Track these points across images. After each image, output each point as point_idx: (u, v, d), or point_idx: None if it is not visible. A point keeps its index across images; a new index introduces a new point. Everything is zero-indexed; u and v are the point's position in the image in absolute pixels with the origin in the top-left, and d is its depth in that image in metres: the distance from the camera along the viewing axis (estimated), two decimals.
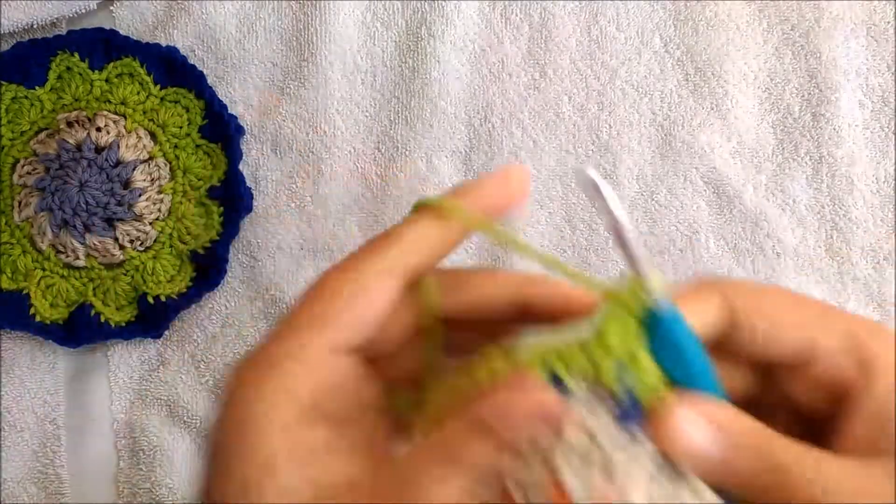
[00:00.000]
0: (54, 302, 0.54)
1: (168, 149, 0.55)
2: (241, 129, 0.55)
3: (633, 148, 0.55)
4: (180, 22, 0.56)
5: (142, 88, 0.55)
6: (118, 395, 0.55)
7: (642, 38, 0.56)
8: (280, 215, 0.55)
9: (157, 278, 0.53)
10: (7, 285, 0.54)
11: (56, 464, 0.54)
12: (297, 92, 0.56)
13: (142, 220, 0.53)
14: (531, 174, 0.55)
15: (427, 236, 0.26)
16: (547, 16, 0.56)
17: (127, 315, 0.54)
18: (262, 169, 0.56)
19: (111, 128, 0.54)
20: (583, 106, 0.55)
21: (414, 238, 0.26)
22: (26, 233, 0.54)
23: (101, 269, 0.54)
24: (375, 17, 0.57)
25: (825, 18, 0.55)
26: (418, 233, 0.26)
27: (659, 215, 0.54)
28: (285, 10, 0.57)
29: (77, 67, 0.55)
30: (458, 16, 0.56)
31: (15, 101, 0.55)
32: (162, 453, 0.54)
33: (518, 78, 0.56)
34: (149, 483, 0.54)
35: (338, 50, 0.56)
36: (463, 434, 0.22)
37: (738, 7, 0.56)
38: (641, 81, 0.55)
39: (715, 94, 0.55)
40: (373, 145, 0.56)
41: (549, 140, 0.55)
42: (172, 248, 0.54)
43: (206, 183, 0.55)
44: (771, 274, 0.54)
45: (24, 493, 0.54)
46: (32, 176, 0.53)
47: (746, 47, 0.55)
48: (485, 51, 0.56)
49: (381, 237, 0.26)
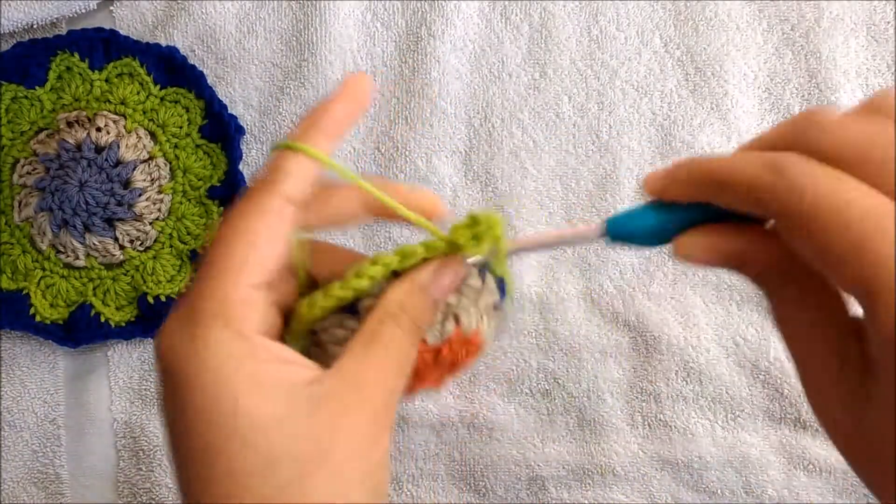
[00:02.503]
0: (54, 302, 0.54)
1: (168, 149, 0.55)
2: (241, 129, 0.55)
3: (633, 148, 0.55)
4: (180, 22, 0.56)
5: (142, 88, 0.55)
6: (118, 395, 0.55)
7: (642, 38, 0.56)
8: None
9: (157, 278, 0.53)
10: (7, 285, 0.54)
11: (56, 464, 0.54)
12: (297, 92, 0.56)
13: (142, 220, 0.53)
14: (531, 174, 0.55)
15: (303, 168, 0.31)
16: (547, 16, 0.56)
17: (127, 315, 0.54)
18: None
19: (111, 128, 0.54)
20: (583, 106, 0.55)
21: (296, 169, 0.30)
22: (26, 233, 0.54)
23: (101, 269, 0.54)
24: (375, 17, 0.57)
25: (825, 18, 0.55)
26: (297, 165, 0.30)
27: None
28: (285, 10, 0.57)
29: (77, 67, 0.55)
30: (458, 16, 0.56)
31: (15, 101, 0.55)
32: (162, 453, 0.54)
33: (518, 78, 0.56)
34: (149, 483, 0.54)
35: (338, 50, 0.56)
36: (408, 291, 0.31)
37: (738, 7, 0.56)
38: (641, 81, 0.55)
39: (715, 94, 0.55)
40: (373, 145, 0.56)
41: (549, 140, 0.55)
42: (172, 248, 0.54)
43: (206, 183, 0.55)
44: None
45: (24, 493, 0.54)
46: (32, 176, 0.53)
47: (746, 47, 0.55)
48: (485, 51, 0.56)
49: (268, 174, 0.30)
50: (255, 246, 0.29)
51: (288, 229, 0.30)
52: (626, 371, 0.54)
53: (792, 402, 0.53)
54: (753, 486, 0.53)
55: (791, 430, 0.53)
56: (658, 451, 0.53)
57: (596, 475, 0.53)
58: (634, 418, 0.54)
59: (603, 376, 0.54)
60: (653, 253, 0.54)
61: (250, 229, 0.29)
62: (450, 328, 0.32)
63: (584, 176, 0.55)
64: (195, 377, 0.27)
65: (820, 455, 0.53)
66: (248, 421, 0.27)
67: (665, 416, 0.53)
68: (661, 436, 0.53)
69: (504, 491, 0.54)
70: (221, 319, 0.27)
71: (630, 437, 0.53)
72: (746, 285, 0.53)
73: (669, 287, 0.54)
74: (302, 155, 0.31)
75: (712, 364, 0.53)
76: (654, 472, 0.53)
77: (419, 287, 0.31)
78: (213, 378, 0.27)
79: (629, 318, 0.54)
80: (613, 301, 0.54)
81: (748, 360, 0.53)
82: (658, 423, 0.53)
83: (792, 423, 0.53)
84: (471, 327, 0.33)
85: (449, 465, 0.54)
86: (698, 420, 0.53)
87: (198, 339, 0.27)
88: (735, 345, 0.53)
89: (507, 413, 0.54)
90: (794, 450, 0.53)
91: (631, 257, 0.54)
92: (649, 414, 0.53)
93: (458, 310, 0.32)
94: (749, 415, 0.53)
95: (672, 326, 0.53)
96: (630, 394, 0.54)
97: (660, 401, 0.53)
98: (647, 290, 0.54)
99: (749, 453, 0.53)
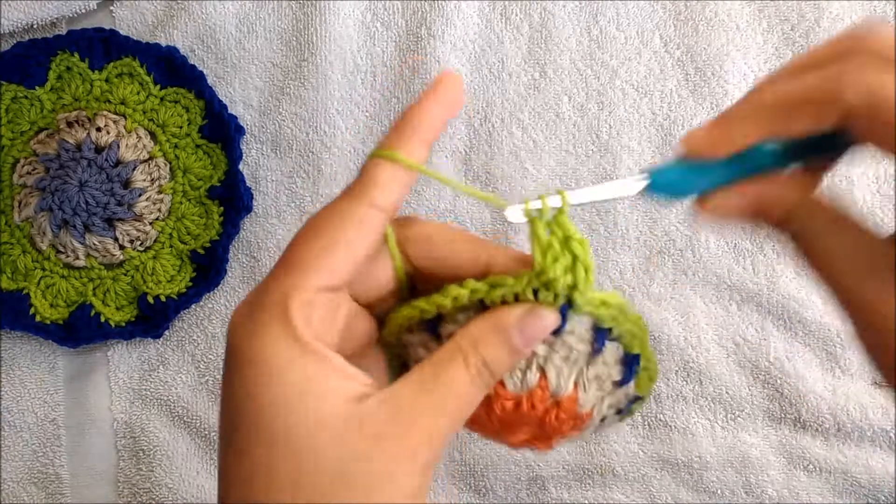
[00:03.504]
0: (54, 302, 0.54)
1: (168, 149, 0.55)
2: (241, 129, 0.55)
3: (633, 148, 0.55)
4: (180, 22, 0.56)
5: (142, 88, 0.55)
6: (118, 395, 0.55)
7: (642, 38, 0.56)
8: (280, 215, 0.55)
9: (157, 278, 0.53)
10: (7, 285, 0.54)
11: (56, 464, 0.54)
12: (297, 92, 0.56)
13: (142, 220, 0.53)
14: (531, 174, 0.55)
15: (395, 177, 0.30)
16: (547, 16, 0.56)
17: (127, 315, 0.54)
18: (262, 169, 0.56)
19: (111, 128, 0.54)
20: (583, 106, 0.55)
21: (386, 179, 0.30)
22: (26, 233, 0.54)
23: (101, 269, 0.54)
24: (375, 17, 0.57)
25: (825, 18, 0.55)
26: (387, 174, 0.30)
27: (659, 215, 0.54)
28: (285, 10, 0.57)
29: (77, 67, 0.55)
30: (458, 16, 0.56)
31: (15, 101, 0.55)
32: (162, 453, 0.54)
33: (518, 78, 0.56)
34: (149, 483, 0.54)
35: (338, 50, 0.56)
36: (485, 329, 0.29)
37: (738, 7, 0.56)
38: (641, 81, 0.55)
39: (715, 94, 0.55)
40: (373, 145, 0.55)
41: (549, 140, 0.55)
42: (172, 248, 0.54)
43: (206, 183, 0.55)
44: (771, 274, 0.54)
45: (24, 493, 0.54)
46: (32, 176, 0.53)
47: (746, 47, 0.55)
48: (485, 51, 0.56)
49: (357, 182, 0.30)
50: (330, 250, 0.28)
51: (374, 237, 0.29)
52: None
53: (792, 402, 0.53)
54: (753, 486, 0.53)
55: (791, 430, 0.53)
56: (658, 451, 0.53)
57: (596, 475, 0.53)
58: (634, 418, 0.53)
59: None
60: (653, 253, 0.54)
61: (327, 233, 0.29)
62: (532, 380, 0.30)
63: (584, 176, 0.55)
64: (247, 368, 0.28)
65: (820, 455, 0.53)
66: (279, 423, 0.27)
67: (665, 416, 0.53)
68: (661, 436, 0.53)
69: (504, 491, 0.53)
70: (280, 319, 0.27)
71: (630, 437, 0.53)
72: (746, 285, 0.53)
73: (669, 287, 0.54)
74: (393, 163, 0.30)
75: (712, 364, 0.53)
76: (654, 472, 0.53)
77: (500, 327, 0.29)
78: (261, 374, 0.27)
79: None
80: None
81: (748, 360, 0.53)
82: (658, 423, 0.53)
83: (792, 423, 0.53)
84: (561, 389, 0.30)
85: (449, 465, 0.54)
86: (698, 420, 0.53)
87: (257, 332, 0.28)
88: (735, 345, 0.53)
89: None
90: (794, 450, 0.53)
91: (631, 257, 0.54)
92: (649, 414, 0.53)
93: (545, 363, 0.30)
94: (749, 415, 0.53)
95: (672, 326, 0.53)
96: None
97: (660, 401, 0.53)
98: (647, 290, 0.54)
99: (749, 453, 0.53)
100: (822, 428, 0.53)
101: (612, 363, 0.31)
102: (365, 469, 0.26)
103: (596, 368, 0.31)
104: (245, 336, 0.28)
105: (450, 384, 0.28)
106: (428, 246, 0.31)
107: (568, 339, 0.30)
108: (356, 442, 0.27)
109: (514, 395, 0.30)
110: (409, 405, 0.27)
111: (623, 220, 0.54)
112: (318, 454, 0.26)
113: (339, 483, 0.26)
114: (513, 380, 0.30)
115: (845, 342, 0.53)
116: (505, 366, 0.29)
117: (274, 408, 0.27)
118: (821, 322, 0.53)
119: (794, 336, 0.53)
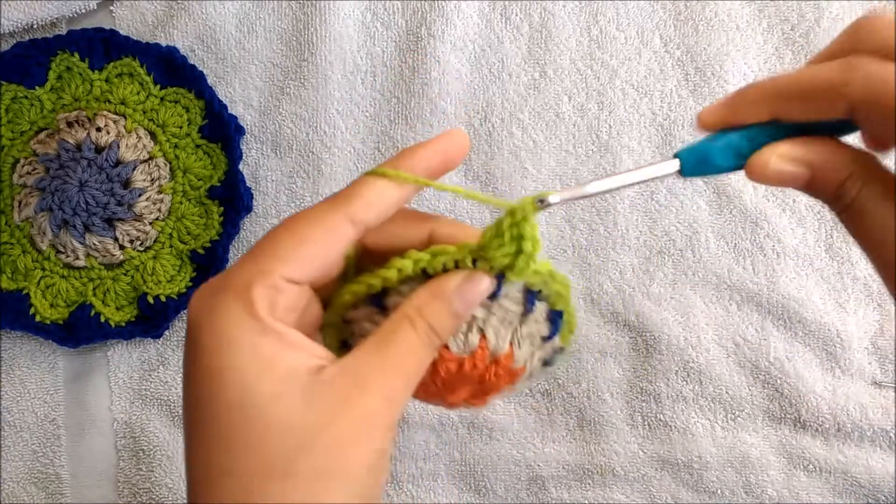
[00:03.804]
0: (54, 302, 0.54)
1: (168, 149, 0.55)
2: (241, 129, 0.55)
3: (633, 148, 0.55)
4: (180, 22, 0.56)
5: (142, 88, 0.55)
6: (118, 395, 0.55)
7: (642, 38, 0.56)
8: (280, 215, 0.55)
9: (157, 278, 0.53)
10: (7, 285, 0.54)
11: (56, 464, 0.54)
12: (297, 92, 0.56)
13: (142, 220, 0.53)
14: (531, 174, 0.55)
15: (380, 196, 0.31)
16: (547, 16, 0.56)
17: (127, 315, 0.54)
18: (262, 169, 0.56)
19: (111, 128, 0.54)
20: (583, 106, 0.55)
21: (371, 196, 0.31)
22: (26, 233, 0.54)
23: (101, 269, 0.54)
24: (375, 17, 0.57)
25: (825, 18, 0.55)
26: (373, 192, 0.31)
27: (659, 215, 0.54)
28: (285, 10, 0.57)
29: (77, 67, 0.55)
30: (458, 16, 0.56)
31: (15, 101, 0.55)
32: (162, 453, 0.54)
33: (518, 78, 0.56)
34: (149, 483, 0.54)
35: (338, 50, 0.56)
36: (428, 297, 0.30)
37: (738, 7, 0.56)
38: (641, 81, 0.55)
39: (715, 94, 0.55)
40: (373, 145, 0.56)
41: (549, 140, 0.55)
42: (172, 248, 0.54)
43: (206, 183, 0.55)
44: (771, 274, 0.54)
45: (24, 493, 0.54)
46: (32, 176, 0.53)
47: (746, 47, 0.55)
48: (485, 51, 0.56)
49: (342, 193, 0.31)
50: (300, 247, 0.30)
51: (343, 247, 0.30)
52: (626, 371, 0.54)
53: (792, 402, 0.53)
54: (753, 486, 0.53)
55: (791, 430, 0.53)
56: (658, 451, 0.53)
57: (596, 475, 0.53)
58: (634, 418, 0.54)
59: (603, 376, 0.54)
60: (653, 253, 0.54)
61: (300, 232, 0.30)
62: (473, 341, 0.32)
63: (584, 176, 0.55)
64: (207, 340, 0.28)
65: (820, 455, 0.53)
66: (240, 394, 0.27)
67: (665, 416, 0.53)
68: (661, 436, 0.53)
69: (504, 491, 0.54)
70: (242, 298, 0.28)
71: (630, 437, 0.53)
72: (746, 285, 0.53)
73: (669, 287, 0.54)
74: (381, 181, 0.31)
75: (712, 364, 0.53)
76: (654, 472, 0.53)
77: (441, 294, 0.30)
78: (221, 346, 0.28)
79: (629, 318, 0.54)
80: (613, 301, 0.54)
81: (748, 360, 0.53)
82: (658, 423, 0.53)
83: (792, 423, 0.53)
84: (499, 348, 0.32)
85: (449, 465, 0.54)
86: (698, 420, 0.53)
87: (216, 308, 0.29)
88: (735, 345, 0.53)
89: (507, 413, 0.54)
90: (794, 450, 0.53)
91: (631, 257, 0.54)
92: (649, 414, 0.53)
93: (484, 325, 0.32)
94: (749, 415, 0.53)
95: (672, 326, 0.53)
96: (630, 394, 0.54)
97: (660, 401, 0.53)
98: (647, 290, 0.54)
99: (749, 453, 0.53)
100: (822, 428, 0.53)
101: (541, 320, 0.33)
102: (328, 435, 0.27)
103: (528, 327, 0.33)
104: (206, 312, 0.29)
105: (403, 344, 0.30)
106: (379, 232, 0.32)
107: (504, 303, 0.32)
108: (318, 411, 0.28)
109: (458, 356, 0.32)
110: (366, 370, 0.29)
111: (623, 220, 0.54)
112: (279, 424, 0.27)
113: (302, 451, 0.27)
114: (456, 342, 0.32)
115: (845, 342, 0.53)
116: (449, 329, 0.31)
117: (233, 382, 0.27)
118: (821, 322, 0.53)
119: (794, 336, 0.53)
